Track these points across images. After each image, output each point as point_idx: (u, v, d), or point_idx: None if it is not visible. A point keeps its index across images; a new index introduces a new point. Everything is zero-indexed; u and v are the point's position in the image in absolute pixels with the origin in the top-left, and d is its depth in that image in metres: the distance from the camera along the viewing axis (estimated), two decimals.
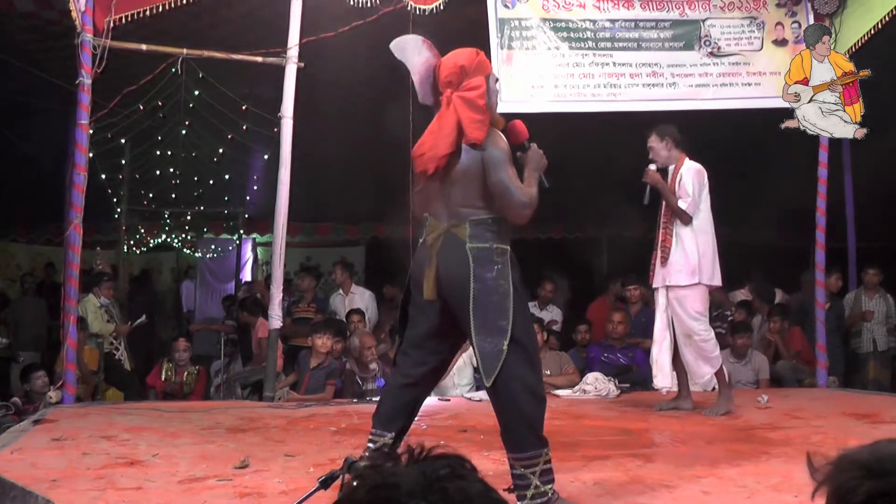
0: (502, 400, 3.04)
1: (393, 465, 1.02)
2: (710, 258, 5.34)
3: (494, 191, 3.09)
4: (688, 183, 5.28)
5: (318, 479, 2.04)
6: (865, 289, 8.17)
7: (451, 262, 3.08)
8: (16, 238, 12.58)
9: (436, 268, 3.11)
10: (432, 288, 3.11)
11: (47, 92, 7.32)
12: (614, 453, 4.10)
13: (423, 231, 3.23)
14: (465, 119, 3.11)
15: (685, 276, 5.28)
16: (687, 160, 5.40)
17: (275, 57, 6.17)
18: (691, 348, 5.30)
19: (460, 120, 3.11)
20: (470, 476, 1.02)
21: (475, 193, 3.13)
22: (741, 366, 6.86)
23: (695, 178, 5.30)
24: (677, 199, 5.29)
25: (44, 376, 6.26)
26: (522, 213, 3.09)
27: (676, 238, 5.32)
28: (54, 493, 3.21)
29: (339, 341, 6.73)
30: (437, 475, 0.99)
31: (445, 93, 3.21)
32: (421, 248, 3.22)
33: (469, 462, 1.04)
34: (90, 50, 5.62)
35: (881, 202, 9.28)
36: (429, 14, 6.21)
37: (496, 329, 3.00)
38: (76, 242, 5.60)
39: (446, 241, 3.11)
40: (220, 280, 12.98)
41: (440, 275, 3.10)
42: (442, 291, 3.11)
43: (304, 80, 6.26)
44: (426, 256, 3.15)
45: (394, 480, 0.98)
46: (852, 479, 1.06)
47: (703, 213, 5.35)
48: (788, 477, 3.48)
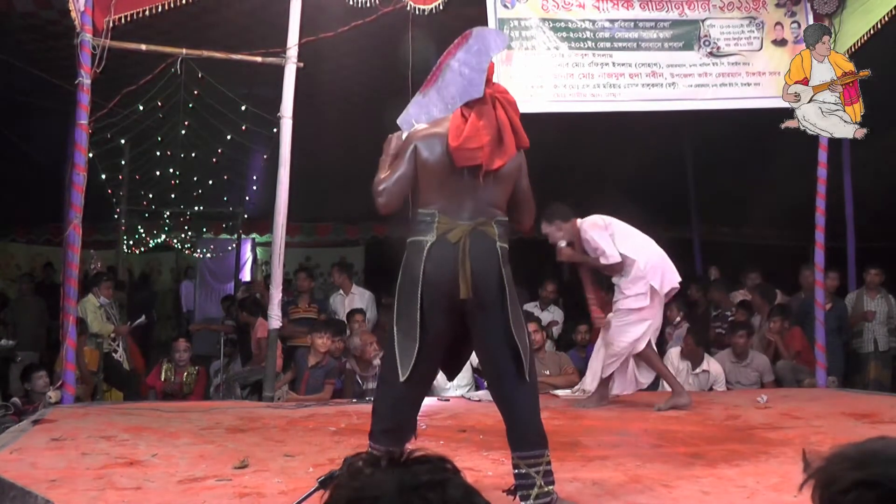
0: (528, 396, 3.02)
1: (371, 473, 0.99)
2: (662, 266, 5.50)
3: (522, 196, 3.16)
4: (591, 240, 5.46)
5: (318, 479, 2.03)
6: (867, 289, 8.17)
7: (484, 260, 3.00)
8: (15, 238, 12.59)
9: (469, 265, 2.98)
10: (469, 286, 2.96)
11: (47, 92, 7.32)
12: (614, 453, 4.10)
13: (424, 227, 3.05)
14: (516, 122, 3.10)
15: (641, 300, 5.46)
16: (578, 222, 5.56)
17: (274, 57, 6.17)
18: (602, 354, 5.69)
19: (513, 122, 3.10)
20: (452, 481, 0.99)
21: (506, 195, 3.14)
22: (741, 366, 6.86)
23: (593, 233, 5.48)
24: (596, 258, 5.47)
25: (45, 376, 6.26)
26: (533, 222, 3.14)
27: (616, 289, 5.57)
28: (54, 493, 3.21)
29: (339, 341, 6.74)
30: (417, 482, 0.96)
31: (487, 90, 3.13)
32: (441, 247, 3.00)
33: (451, 463, 1.01)
34: (90, 50, 5.61)
35: (881, 202, 9.29)
36: (428, 14, 6.21)
37: (523, 326, 3.02)
38: (76, 242, 5.60)
39: (475, 239, 3.01)
40: (220, 280, 12.99)
41: (474, 272, 2.97)
42: (477, 289, 2.98)
43: (304, 80, 6.26)
44: (452, 255, 2.98)
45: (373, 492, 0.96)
46: (838, 470, 1.10)
47: (629, 241, 5.52)
48: (788, 477, 3.48)
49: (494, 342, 3.02)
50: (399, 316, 3.04)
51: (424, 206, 3.08)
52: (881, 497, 1.06)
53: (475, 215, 3.05)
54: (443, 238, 3.02)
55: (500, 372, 3.06)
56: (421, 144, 3.09)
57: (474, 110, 3.07)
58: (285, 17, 6.06)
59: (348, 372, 6.53)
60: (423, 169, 3.08)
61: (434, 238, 3.02)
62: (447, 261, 2.99)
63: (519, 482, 2.98)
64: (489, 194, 3.08)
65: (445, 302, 3.00)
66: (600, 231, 5.49)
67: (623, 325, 5.50)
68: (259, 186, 10.74)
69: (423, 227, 3.05)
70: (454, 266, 2.98)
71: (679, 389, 5.61)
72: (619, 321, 5.52)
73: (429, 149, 3.08)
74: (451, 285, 2.97)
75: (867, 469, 1.08)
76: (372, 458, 1.02)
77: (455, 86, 3.20)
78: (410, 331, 2.99)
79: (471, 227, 3.02)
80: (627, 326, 5.49)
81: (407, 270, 3.04)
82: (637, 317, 5.47)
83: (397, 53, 6.38)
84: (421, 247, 3.03)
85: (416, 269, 3.00)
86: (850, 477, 1.08)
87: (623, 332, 5.50)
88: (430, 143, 3.09)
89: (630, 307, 5.47)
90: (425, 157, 3.07)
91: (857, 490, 1.07)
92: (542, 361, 6.71)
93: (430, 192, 3.08)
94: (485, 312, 3.01)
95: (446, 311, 3.02)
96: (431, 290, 2.99)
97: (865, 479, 1.07)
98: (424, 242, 3.03)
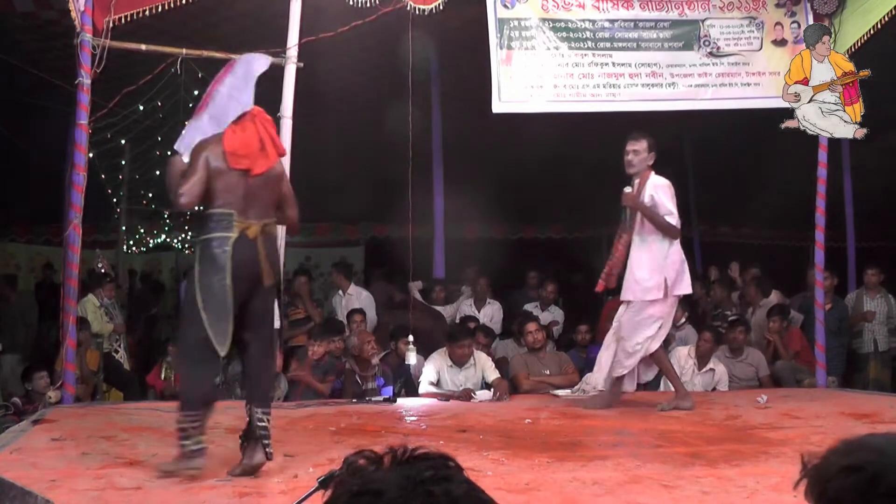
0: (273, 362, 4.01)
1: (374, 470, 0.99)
2: (680, 268, 5.43)
3: (287, 198, 3.92)
4: (665, 199, 5.36)
5: (318, 479, 2.03)
6: (866, 289, 8.17)
7: (273, 254, 3.79)
8: (15, 238, 12.58)
9: (265, 257, 3.70)
10: (269, 274, 3.73)
11: (47, 92, 7.32)
12: (614, 453, 4.10)
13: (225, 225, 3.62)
14: (274, 135, 3.87)
15: (644, 293, 5.38)
16: (653, 174, 5.45)
17: (274, 57, 6.17)
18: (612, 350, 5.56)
19: (271, 135, 3.84)
20: (455, 476, 0.99)
21: (276, 197, 3.84)
22: (737, 361, 6.85)
23: (667, 191, 5.38)
24: (657, 215, 5.34)
25: (46, 377, 6.26)
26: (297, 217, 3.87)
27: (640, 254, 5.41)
28: (54, 493, 3.21)
29: (338, 341, 6.74)
30: (420, 478, 0.96)
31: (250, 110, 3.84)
32: (242, 243, 3.63)
33: (453, 461, 1.01)
34: (89, 50, 5.61)
35: (881, 202, 9.30)
36: (428, 14, 6.20)
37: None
38: (75, 242, 5.60)
39: (265, 236, 3.72)
40: None
41: (270, 263, 3.74)
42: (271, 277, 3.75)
43: (304, 80, 6.25)
44: (255, 250, 3.67)
45: (376, 487, 0.96)
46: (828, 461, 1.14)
47: None
48: (788, 477, 3.45)
49: (263, 319, 3.80)
50: (206, 301, 3.57)
51: (221, 208, 3.66)
52: (863, 480, 1.08)
53: (261, 216, 3.73)
54: (243, 235, 3.64)
55: (262, 342, 3.80)
56: (209, 154, 3.69)
57: (240, 125, 3.77)
58: (285, 17, 6.06)
59: (348, 372, 6.53)
60: (214, 175, 3.66)
61: (237, 234, 3.63)
62: (250, 253, 3.66)
63: (261, 432, 3.65)
64: (266, 197, 3.78)
65: (246, 286, 3.66)
66: (672, 195, 5.41)
67: (637, 320, 5.42)
68: None
69: (224, 225, 3.64)
70: (256, 258, 3.67)
71: (683, 392, 5.59)
72: (634, 316, 5.44)
73: (215, 158, 3.68)
74: (254, 273, 3.67)
75: (852, 455, 1.12)
76: (373, 454, 1.01)
77: (226, 107, 3.88)
78: (222, 313, 3.57)
79: (261, 225, 3.70)
80: (641, 324, 5.42)
81: (212, 262, 3.59)
82: (649, 313, 5.40)
83: (397, 53, 6.38)
84: (225, 242, 3.61)
85: (224, 261, 3.58)
86: (837, 463, 1.12)
87: (636, 329, 5.43)
88: (215, 152, 3.69)
89: (644, 299, 5.38)
90: (214, 165, 3.66)
91: (841, 475, 1.10)
92: (542, 361, 6.72)
93: (224, 195, 3.66)
94: (265, 295, 3.77)
95: (244, 293, 3.67)
96: (239, 277, 3.61)
97: (850, 464, 1.10)
98: (228, 238, 3.61)
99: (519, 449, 4.22)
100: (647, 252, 5.41)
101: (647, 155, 5.43)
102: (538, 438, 4.57)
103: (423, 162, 7.40)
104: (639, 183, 5.43)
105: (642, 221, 5.43)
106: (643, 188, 5.40)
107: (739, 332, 6.88)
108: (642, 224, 5.43)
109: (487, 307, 8.03)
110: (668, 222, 5.34)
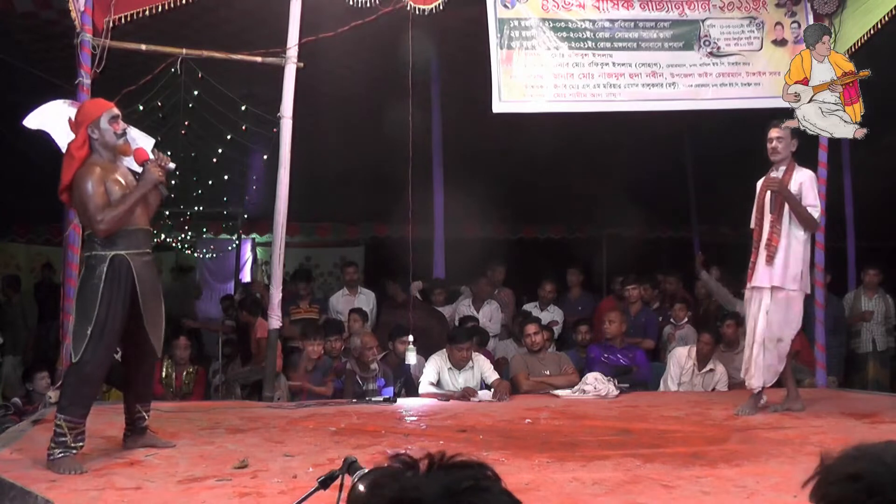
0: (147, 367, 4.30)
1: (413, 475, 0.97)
2: (808, 269, 5.40)
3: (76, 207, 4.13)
4: (812, 191, 5.30)
5: (318, 479, 2.03)
6: (865, 289, 8.17)
7: None
8: (15, 238, 12.56)
9: None
10: None
11: (47, 92, 7.31)
12: (614, 453, 4.10)
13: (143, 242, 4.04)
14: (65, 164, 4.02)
15: (791, 281, 5.29)
16: (798, 165, 5.39)
17: (274, 57, 6.17)
18: (774, 352, 5.35)
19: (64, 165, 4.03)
20: (494, 487, 0.97)
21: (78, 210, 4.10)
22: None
23: (814, 184, 5.33)
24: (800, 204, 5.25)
25: (47, 377, 6.26)
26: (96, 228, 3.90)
27: (789, 241, 5.31)
28: (54, 493, 3.22)
29: (338, 340, 6.74)
30: (460, 488, 0.94)
31: None
32: (145, 260, 4.04)
33: (492, 470, 0.99)
34: (89, 50, 5.62)
35: (880, 202, 9.29)
36: (428, 14, 6.20)
37: None
38: (76, 242, 5.60)
39: None
40: (220, 280, 12.98)
41: None
42: None
43: (304, 80, 6.26)
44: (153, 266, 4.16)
45: (415, 494, 0.93)
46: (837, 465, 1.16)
47: None
48: (788, 477, 3.48)
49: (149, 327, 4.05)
50: (108, 315, 3.82)
51: None
52: (861, 489, 1.10)
53: None
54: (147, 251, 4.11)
55: (149, 348, 4.09)
56: None
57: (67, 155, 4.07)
58: (285, 17, 6.06)
59: (348, 372, 6.53)
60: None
61: (146, 250, 4.08)
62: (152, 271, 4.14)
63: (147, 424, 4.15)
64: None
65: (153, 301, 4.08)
66: (816, 187, 5.36)
67: (790, 318, 5.32)
68: (259, 186, 10.73)
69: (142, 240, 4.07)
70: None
71: (795, 394, 5.53)
72: (786, 314, 5.32)
73: None
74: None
75: (857, 464, 1.13)
76: (410, 460, 0.99)
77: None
78: (115, 323, 3.86)
79: None
80: (792, 321, 5.32)
81: (115, 277, 3.87)
82: (797, 310, 5.32)
83: (397, 53, 6.38)
84: (129, 259, 3.93)
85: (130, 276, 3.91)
86: (842, 470, 1.13)
87: (787, 322, 5.32)
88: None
89: (790, 288, 5.27)
90: None
91: (843, 482, 1.12)
92: (542, 361, 6.72)
93: None
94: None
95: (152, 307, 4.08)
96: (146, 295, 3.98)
97: (853, 472, 1.12)
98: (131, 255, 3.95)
99: (519, 449, 4.22)
100: (794, 239, 5.33)
101: (790, 141, 5.40)
102: (538, 438, 4.58)
103: (423, 162, 7.39)
104: (786, 170, 5.37)
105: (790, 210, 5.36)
106: (790, 176, 5.34)
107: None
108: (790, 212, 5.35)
109: (486, 307, 8.02)
110: (811, 214, 5.28)
